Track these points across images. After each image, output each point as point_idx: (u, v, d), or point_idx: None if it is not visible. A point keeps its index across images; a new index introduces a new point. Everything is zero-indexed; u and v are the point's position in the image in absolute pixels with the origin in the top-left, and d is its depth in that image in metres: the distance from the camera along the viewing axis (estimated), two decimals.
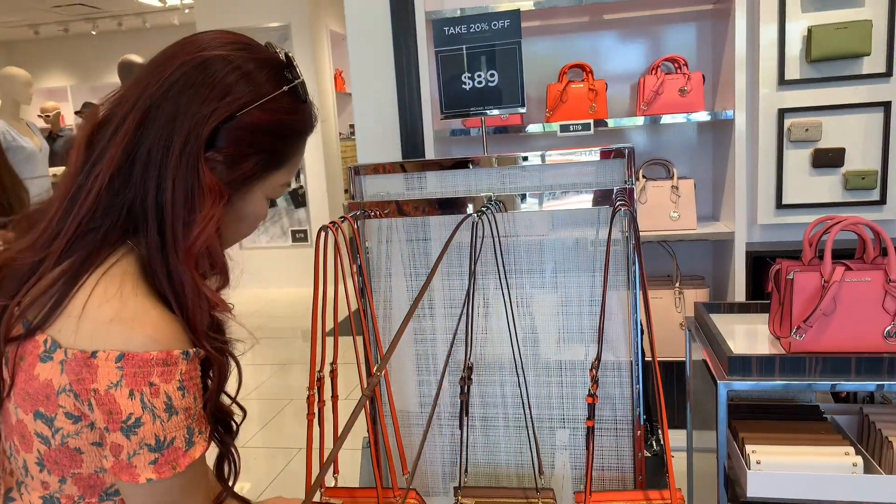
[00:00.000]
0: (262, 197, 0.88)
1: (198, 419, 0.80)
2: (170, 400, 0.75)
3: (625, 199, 1.55)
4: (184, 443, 0.78)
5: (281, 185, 0.90)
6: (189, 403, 0.77)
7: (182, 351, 0.76)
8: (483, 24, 1.74)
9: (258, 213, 0.90)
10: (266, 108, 0.83)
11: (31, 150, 3.74)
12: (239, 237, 0.91)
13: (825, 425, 1.66)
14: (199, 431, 0.80)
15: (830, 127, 2.37)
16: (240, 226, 0.89)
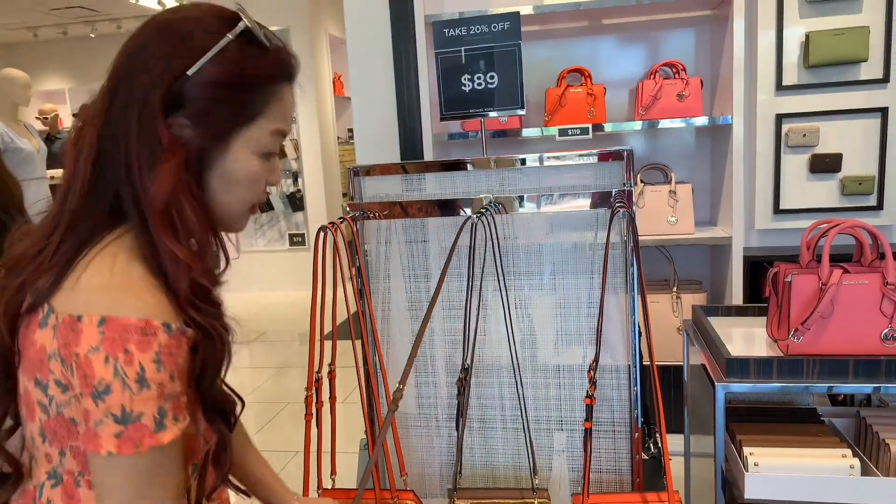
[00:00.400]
0: (249, 154, 0.84)
1: (175, 403, 0.77)
2: (143, 371, 0.73)
3: (623, 202, 1.55)
4: (152, 422, 0.75)
5: (270, 137, 0.85)
6: (163, 379, 0.74)
7: (163, 322, 0.75)
8: (483, 26, 1.75)
9: (250, 171, 0.84)
10: (219, 61, 0.80)
11: (29, 151, 3.74)
12: (242, 202, 0.86)
13: (822, 428, 1.66)
14: (175, 418, 0.76)
15: (828, 132, 2.38)
16: (236, 188, 0.84)
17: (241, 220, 0.89)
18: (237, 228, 0.90)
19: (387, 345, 1.95)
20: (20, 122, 3.82)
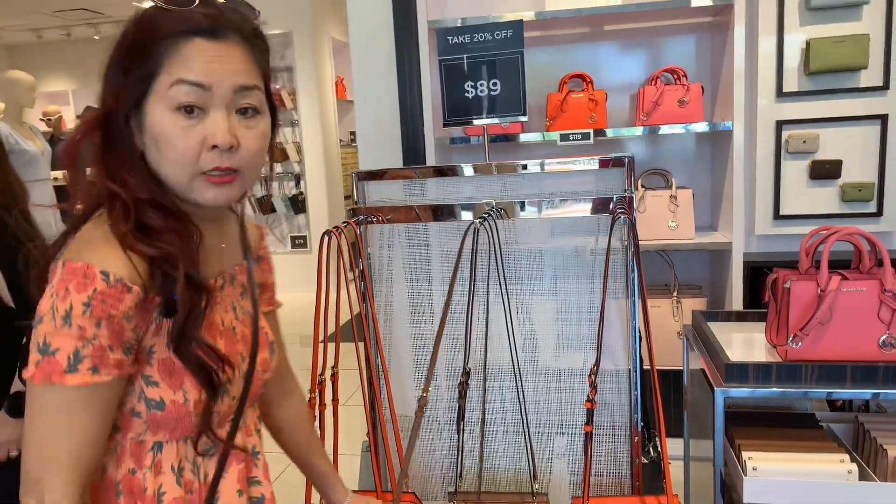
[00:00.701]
0: (163, 110, 0.84)
1: (97, 353, 0.79)
2: (70, 309, 0.78)
3: (624, 208, 1.57)
4: (65, 360, 0.78)
5: (176, 88, 0.83)
6: (86, 323, 0.78)
7: (103, 270, 0.79)
8: (486, 33, 1.77)
9: (166, 127, 0.84)
10: (121, 39, 0.87)
11: (34, 153, 3.76)
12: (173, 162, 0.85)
13: (821, 433, 1.67)
14: (93, 368, 0.79)
15: (828, 139, 2.40)
16: (163, 148, 0.85)
17: (191, 185, 0.86)
18: (197, 198, 0.87)
19: (389, 347, 1.97)
20: (25, 123, 3.85)
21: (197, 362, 0.86)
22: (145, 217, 0.85)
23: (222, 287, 0.98)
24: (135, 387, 0.86)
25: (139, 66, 0.84)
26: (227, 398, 0.93)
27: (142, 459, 0.89)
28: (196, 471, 0.93)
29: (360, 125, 2.86)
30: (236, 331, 0.98)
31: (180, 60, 0.83)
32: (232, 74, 0.85)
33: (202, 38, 0.84)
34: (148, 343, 0.86)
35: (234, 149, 0.86)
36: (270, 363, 1.04)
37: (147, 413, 0.87)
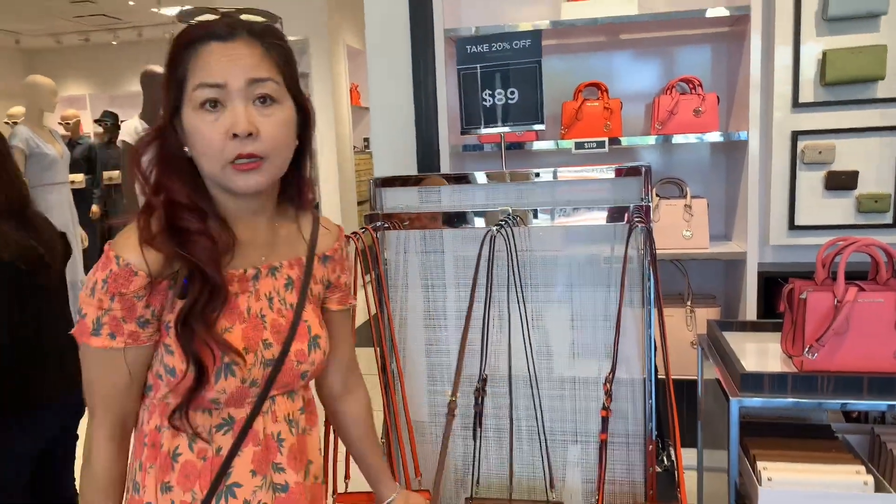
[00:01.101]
0: (191, 111, 0.94)
1: (113, 322, 0.94)
2: (94, 285, 0.94)
3: (641, 216, 1.58)
4: (91, 324, 0.95)
5: (199, 90, 0.94)
6: (103, 297, 0.93)
7: (117, 255, 0.93)
8: (505, 43, 1.78)
9: (194, 124, 0.94)
10: None
11: (54, 156, 3.81)
12: (204, 156, 0.95)
13: (836, 444, 1.67)
14: (110, 334, 0.95)
15: (844, 150, 2.39)
16: (195, 142, 0.95)
17: (224, 175, 0.95)
18: (232, 187, 0.97)
19: (403, 353, 1.98)
20: (45, 127, 3.90)
21: (191, 349, 0.95)
22: (179, 219, 0.97)
23: (256, 277, 1.05)
24: (158, 353, 0.99)
25: (174, 76, 0.96)
26: (234, 380, 0.99)
27: (164, 419, 1.01)
28: (210, 441, 1.01)
29: (375, 132, 2.88)
30: (266, 319, 1.04)
31: (200, 65, 0.94)
32: (243, 69, 0.94)
33: (217, 42, 0.95)
34: (166, 318, 0.98)
35: (255, 136, 0.94)
36: (308, 356, 1.08)
37: (165, 377, 0.98)
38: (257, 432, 1.03)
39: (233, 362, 0.98)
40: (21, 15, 7.75)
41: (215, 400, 0.99)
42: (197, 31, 0.96)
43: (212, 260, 0.96)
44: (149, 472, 1.01)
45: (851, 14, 2.30)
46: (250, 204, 1.03)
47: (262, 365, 1.01)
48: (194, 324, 0.95)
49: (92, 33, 8.71)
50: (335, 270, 1.18)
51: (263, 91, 0.95)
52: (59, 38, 8.88)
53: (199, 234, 0.96)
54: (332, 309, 1.19)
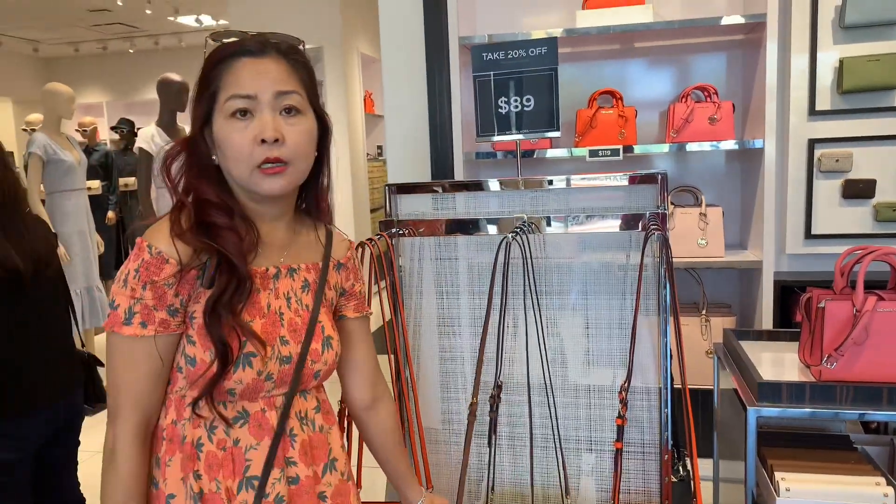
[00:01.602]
0: (223, 120, 1.03)
1: (145, 311, 1.00)
2: (127, 274, 1.00)
3: (658, 224, 1.57)
4: (123, 314, 1.00)
5: (231, 101, 1.02)
6: (136, 286, 0.99)
7: (149, 244, 1.00)
8: (521, 50, 1.78)
9: (225, 132, 1.02)
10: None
11: (71, 163, 3.85)
12: (235, 161, 1.03)
13: (855, 455, 1.65)
14: (142, 322, 1.00)
15: (861, 158, 2.37)
16: (226, 149, 1.03)
17: (251, 179, 1.03)
18: (258, 189, 1.04)
19: (417, 360, 1.98)
20: (63, 134, 3.94)
21: (218, 336, 1.00)
22: (208, 216, 1.04)
23: (276, 276, 1.11)
24: (180, 345, 1.04)
25: (206, 90, 1.05)
26: (251, 371, 1.03)
27: (182, 412, 1.05)
28: (228, 433, 1.06)
29: (389, 139, 2.89)
30: (284, 317, 1.10)
31: (232, 79, 1.03)
32: (272, 83, 1.03)
33: (249, 57, 1.04)
34: (191, 309, 1.03)
35: (281, 142, 1.02)
36: (321, 355, 1.13)
37: (185, 368, 1.03)
38: (272, 426, 1.08)
39: (251, 353, 1.03)
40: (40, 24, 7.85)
41: (231, 391, 1.04)
42: (230, 48, 1.05)
43: (239, 253, 1.03)
44: (168, 466, 1.05)
45: (868, 22, 2.28)
46: (272, 208, 1.10)
47: (279, 360, 1.07)
48: (222, 311, 1.01)
49: (109, 42, 8.82)
50: (349, 279, 1.25)
51: (289, 103, 1.04)
52: (77, 46, 8.99)
53: (226, 230, 1.03)
54: (349, 317, 1.25)
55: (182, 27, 8.23)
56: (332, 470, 1.17)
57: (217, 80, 1.04)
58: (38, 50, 9.17)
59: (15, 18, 7.52)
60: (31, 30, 8.19)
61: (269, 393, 1.08)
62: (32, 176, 3.75)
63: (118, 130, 6.71)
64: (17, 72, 9.43)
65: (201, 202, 1.05)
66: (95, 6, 6.97)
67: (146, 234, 1.02)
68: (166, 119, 3.64)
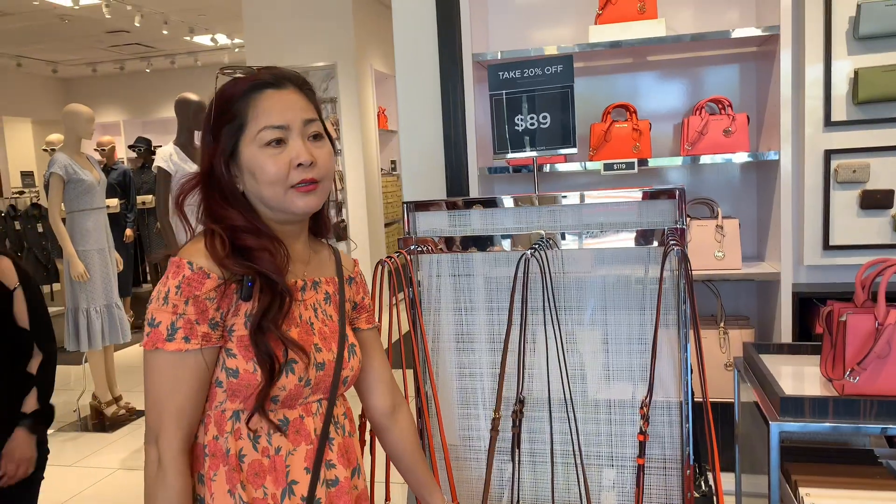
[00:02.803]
0: (255, 150, 1.09)
1: (187, 325, 1.02)
2: (168, 292, 1.03)
3: (676, 239, 1.57)
4: (165, 331, 1.02)
5: (263, 132, 1.08)
6: (178, 301, 1.02)
7: (189, 261, 1.04)
8: (536, 69, 1.80)
9: (259, 161, 1.08)
10: (214, 103, 1.12)
11: (91, 182, 3.90)
12: (269, 185, 1.09)
13: (880, 470, 1.63)
14: (185, 337, 1.02)
15: (879, 168, 2.36)
16: (259, 175, 1.09)
17: (286, 198, 1.09)
18: (292, 208, 1.10)
19: (436, 376, 1.98)
20: (82, 154, 4.00)
21: (265, 350, 1.05)
22: (241, 240, 1.09)
23: (303, 289, 1.17)
24: (219, 359, 1.07)
25: (229, 123, 1.10)
26: (293, 377, 1.08)
27: (223, 426, 1.08)
28: (270, 441, 1.09)
29: (404, 155, 2.92)
30: (314, 327, 1.16)
31: (260, 111, 1.09)
32: (299, 112, 1.12)
33: (271, 89, 1.11)
34: (230, 322, 1.07)
35: (314, 164, 1.10)
36: (348, 362, 1.19)
37: (226, 381, 1.06)
38: (309, 432, 1.13)
39: (292, 361, 1.08)
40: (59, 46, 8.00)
41: (275, 398, 1.08)
42: (248, 82, 1.11)
43: (277, 270, 1.09)
44: (214, 481, 1.08)
45: (883, 32, 2.28)
46: (294, 227, 1.18)
47: (315, 367, 1.12)
48: (268, 326, 1.05)
49: (126, 62, 8.96)
50: (359, 292, 1.32)
51: (316, 130, 1.13)
52: (95, 66, 9.14)
53: (260, 251, 1.09)
54: (362, 328, 1.33)
55: (198, 46, 8.34)
56: (358, 475, 1.23)
57: (243, 113, 1.09)
58: (56, 71, 9.33)
59: (35, 41, 7.67)
60: (51, 52, 8.34)
61: (307, 399, 1.13)
62: (53, 195, 3.81)
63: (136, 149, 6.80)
64: (36, 93, 9.59)
65: (233, 228, 1.09)
66: (113, 27, 7.09)
67: (182, 253, 1.06)
68: (184, 138, 3.69)
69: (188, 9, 6.56)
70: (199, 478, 1.09)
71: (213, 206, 1.12)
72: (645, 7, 2.55)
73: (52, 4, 6.05)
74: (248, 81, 1.11)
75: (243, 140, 1.10)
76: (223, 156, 1.10)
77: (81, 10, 6.23)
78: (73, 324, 3.89)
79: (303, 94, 1.14)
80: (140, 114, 9.79)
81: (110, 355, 4.17)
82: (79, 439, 3.91)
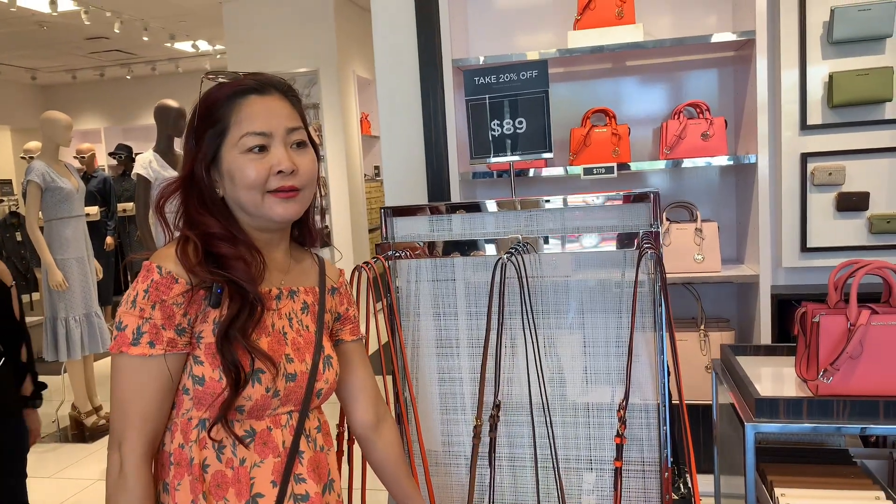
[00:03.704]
0: (237, 154, 1.08)
1: (153, 330, 1.02)
2: (136, 295, 1.03)
3: (651, 242, 1.58)
4: (131, 335, 1.02)
5: (246, 138, 1.08)
6: (145, 305, 1.02)
7: (158, 265, 1.03)
8: (512, 74, 1.81)
9: (239, 166, 1.08)
10: (197, 108, 1.11)
11: (69, 190, 3.86)
12: (248, 189, 1.08)
13: (855, 469, 1.65)
14: (150, 342, 1.02)
15: (854, 171, 2.39)
16: (238, 180, 1.08)
17: (264, 204, 1.09)
18: (271, 214, 1.09)
19: (416, 381, 1.98)
20: (60, 162, 3.96)
21: (231, 359, 1.03)
22: (216, 247, 1.08)
23: (278, 297, 1.15)
24: (186, 365, 1.06)
25: (212, 128, 1.09)
26: (260, 388, 1.06)
27: (188, 434, 1.06)
28: (234, 452, 1.07)
29: (385, 161, 2.91)
30: (287, 336, 1.14)
31: (243, 116, 1.08)
32: (283, 120, 1.11)
33: (255, 95, 1.10)
34: (198, 329, 1.06)
35: (295, 172, 1.09)
36: (323, 374, 1.17)
37: (192, 389, 1.05)
38: (277, 445, 1.10)
39: (259, 370, 1.06)
40: (38, 52, 7.92)
41: (241, 408, 1.06)
42: (232, 87, 1.10)
43: (250, 279, 1.07)
44: (178, 490, 1.06)
45: (856, 37, 2.31)
46: (273, 235, 1.17)
47: (285, 378, 1.10)
48: (234, 335, 1.04)
49: (107, 68, 8.89)
50: (343, 303, 1.30)
51: (299, 138, 1.12)
52: (75, 73, 9.06)
53: (234, 259, 1.08)
54: (346, 340, 1.30)
55: (179, 53, 8.30)
56: (331, 490, 1.20)
57: (227, 117, 1.09)
58: (35, 78, 9.24)
59: (13, 48, 7.59)
60: (29, 58, 8.26)
61: (275, 411, 1.10)
62: (31, 203, 3.77)
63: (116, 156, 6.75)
64: (15, 100, 9.49)
65: (207, 235, 1.08)
66: (93, 34, 7.04)
67: (153, 258, 1.05)
68: (164, 145, 3.67)
69: (168, 15, 6.53)
70: (163, 486, 1.07)
71: (190, 212, 1.11)
72: (623, 12, 2.57)
73: (30, 11, 5.99)
74: (232, 87, 1.10)
75: (225, 145, 1.09)
76: (204, 160, 1.10)
77: (60, 17, 6.17)
78: (51, 333, 3.85)
79: (287, 101, 1.14)
80: (121, 121, 9.72)
81: (90, 365, 4.12)
82: (59, 450, 3.86)
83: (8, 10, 5.81)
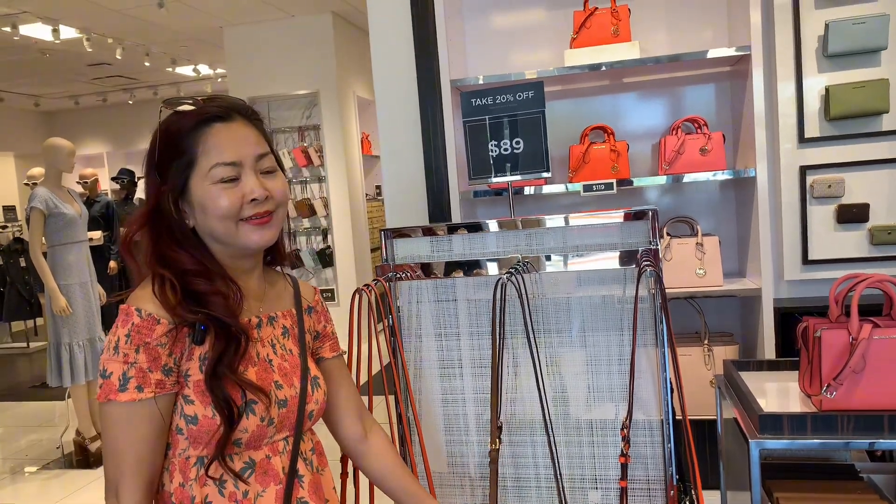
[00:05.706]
0: (208, 185, 1.05)
1: (140, 374, 0.99)
2: (118, 341, 1.00)
3: (650, 260, 1.58)
4: (118, 381, 0.99)
5: (215, 168, 1.05)
6: (128, 350, 0.99)
7: (137, 308, 1.01)
8: (508, 95, 1.82)
9: (211, 197, 1.05)
10: (158, 139, 1.08)
11: (72, 216, 3.88)
12: (220, 220, 1.06)
13: (861, 484, 1.63)
14: (137, 386, 0.99)
15: (853, 183, 2.40)
16: (210, 211, 1.06)
17: (239, 232, 1.07)
18: (247, 242, 1.08)
19: (419, 403, 1.97)
20: (63, 188, 3.98)
21: (222, 396, 1.02)
22: (193, 284, 1.05)
23: (259, 326, 1.14)
24: (177, 406, 1.04)
25: (178, 160, 1.06)
26: (255, 419, 1.05)
27: (187, 473, 1.05)
28: (237, 485, 1.06)
29: (386, 181, 2.93)
30: (273, 363, 1.13)
31: (210, 146, 1.06)
32: (250, 148, 1.09)
33: (219, 123, 1.08)
34: (184, 367, 1.04)
35: (268, 198, 1.08)
36: (312, 395, 1.16)
37: (186, 428, 1.03)
38: (277, 471, 1.09)
39: (252, 402, 1.05)
40: (40, 79, 8.00)
41: (238, 441, 1.05)
42: (195, 117, 1.07)
43: (231, 314, 1.05)
44: None
45: (852, 50, 2.33)
46: (247, 262, 1.15)
47: (277, 404, 1.09)
48: (223, 372, 1.02)
49: (109, 94, 8.96)
50: (320, 321, 1.30)
51: (269, 165, 1.11)
52: (77, 99, 9.13)
53: (213, 294, 1.05)
54: (326, 357, 1.29)
55: (180, 77, 8.37)
56: None
57: (192, 148, 1.06)
58: (38, 104, 9.32)
59: (16, 75, 7.67)
60: (32, 85, 8.34)
61: (272, 439, 1.10)
62: (34, 229, 3.79)
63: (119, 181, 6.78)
64: (18, 126, 9.57)
65: (183, 273, 1.06)
66: (95, 60, 7.10)
67: (130, 300, 1.03)
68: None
69: (169, 40, 6.59)
70: None
71: (161, 248, 1.07)
72: (619, 30, 2.59)
73: (32, 39, 6.05)
74: (195, 116, 1.07)
75: (194, 176, 1.06)
76: (172, 192, 1.06)
77: (62, 45, 6.24)
78: (55, 359, 3.85)
79: (253, 127, 1.11)
80: (123, 145, 9.78)
81: (94, 390, 4.12)
82: (63, 476, 3.85)
83: (11, 38, 5.88)
